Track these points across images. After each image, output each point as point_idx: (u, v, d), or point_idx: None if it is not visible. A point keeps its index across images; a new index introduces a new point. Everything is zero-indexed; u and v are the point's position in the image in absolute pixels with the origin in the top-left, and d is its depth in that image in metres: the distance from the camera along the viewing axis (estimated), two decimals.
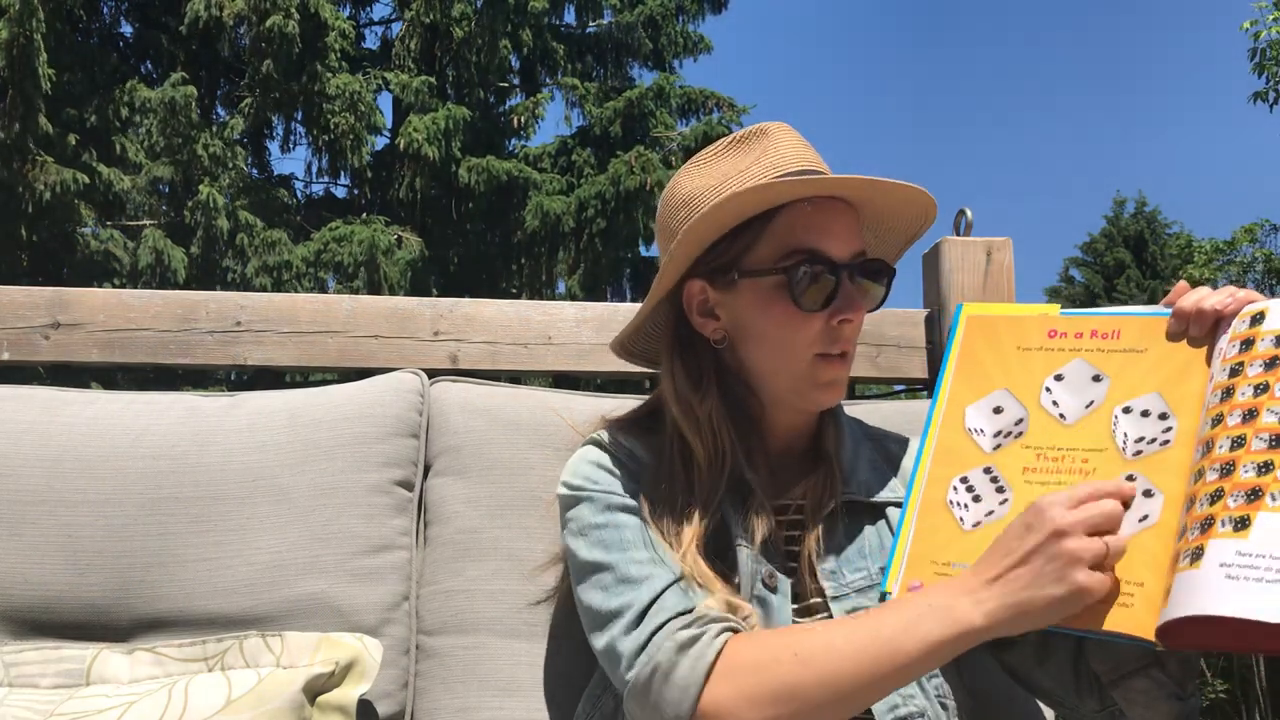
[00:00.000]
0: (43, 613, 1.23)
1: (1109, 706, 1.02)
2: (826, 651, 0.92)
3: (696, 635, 0.96)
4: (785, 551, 1.10)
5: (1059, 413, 0.99)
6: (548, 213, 10.38)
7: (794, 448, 1.17)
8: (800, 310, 1.07)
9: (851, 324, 1.09)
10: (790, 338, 1.09)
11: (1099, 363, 0.99)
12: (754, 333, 1.11)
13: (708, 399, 1.10)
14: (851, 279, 1.08)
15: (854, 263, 1.09)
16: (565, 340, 1.67)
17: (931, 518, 1.00)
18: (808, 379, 1.10)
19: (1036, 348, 1.03)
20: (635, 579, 1.02)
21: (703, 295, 1.12)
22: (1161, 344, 0.98)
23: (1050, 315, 1.04)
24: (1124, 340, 1.00)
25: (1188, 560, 0.84)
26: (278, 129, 10.92)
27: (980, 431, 1.02)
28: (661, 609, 0.99)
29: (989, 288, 1.74)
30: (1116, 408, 0.96)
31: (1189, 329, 0.97)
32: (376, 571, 1.29)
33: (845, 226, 1.10)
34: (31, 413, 1.33)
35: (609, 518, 1.08)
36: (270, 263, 9.45)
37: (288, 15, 9.30)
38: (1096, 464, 0.95)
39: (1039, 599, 0.86)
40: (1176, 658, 0.97)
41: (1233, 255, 13.07)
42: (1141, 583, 0.87)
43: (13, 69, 8.29)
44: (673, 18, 11.84)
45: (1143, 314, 1.01)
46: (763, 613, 1.05)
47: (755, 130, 1.13)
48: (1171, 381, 0.95)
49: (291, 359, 1.63)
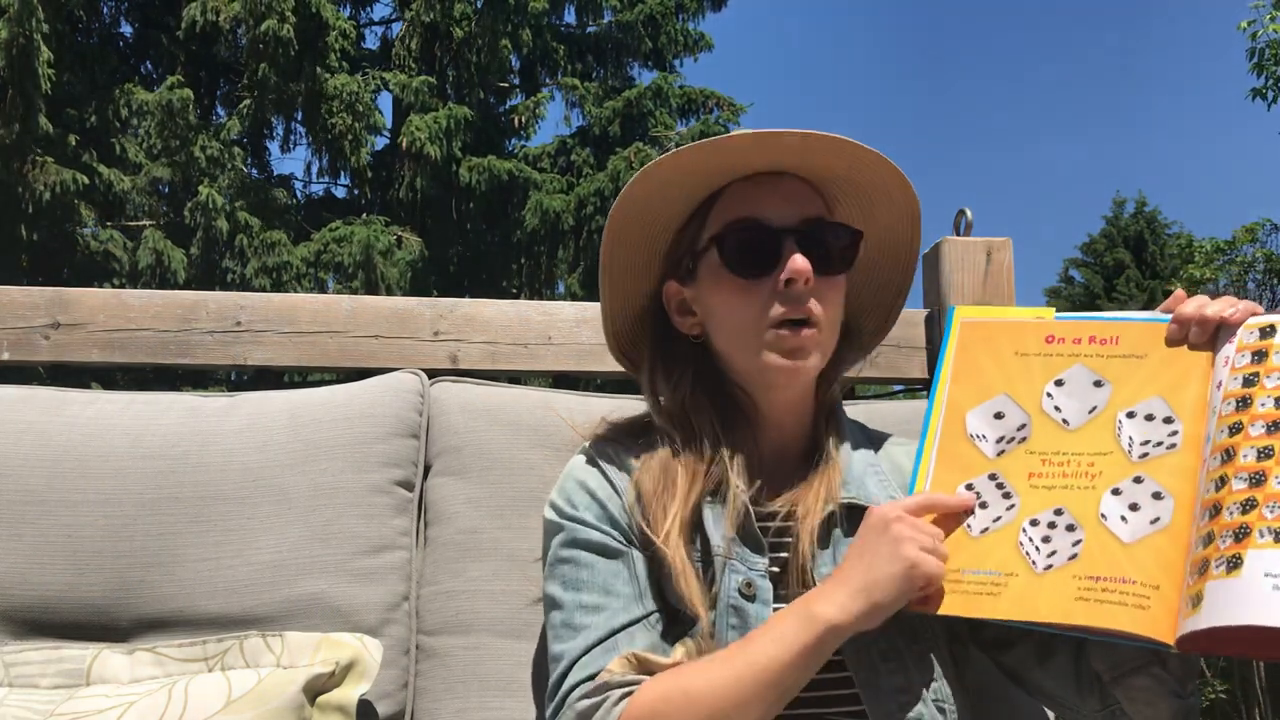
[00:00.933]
0: (43, 613, 1.23)
1: (1110, 705, 1.02)
2: (709, 684, 0.97)
3: (595, 705, 1.00)
4: (771, 557, 1.09)
5: (1061, 418, 0.99)
6: (547, 211, 10.38)
7: (790, 449, 1.16)
8: (740, 278, 1.08)
9: (799, 285, 1.06)
10: (741, 310, 1.09)
11: (1099, 368, 1.00)
12: (714, 316, 1.12)
13: (679, 389, 1.13)
14: (798, 243, 1.07)
15: (801, 227, 1.08)
16: (565, 340, 1.67)
17: (939, 524, 1.01)
18: (769, 355, 1.09)
19: (1035, 353, 1.03)
20: (576, 627, 1.05)
21: (679, 295, 1.15)
22: (1161, 349, 0.98)
23: (1046, 320, 1.05)
24: (1123, 346, 1.00)
25: (1223, 568, 0.84)
26: (277, 129, 10.92)
27: (983, 437, 1.02)
28: (582, 667, 1.03)
29: (989, 288, 1.74)
30: (1120, 412, 0.97)
31: (1190, 335, 0.98)
32: (376, 571, 1.29)
33: (787, 194, 1.10)
34: (31, 413, 1.33)
35: (571, 554, 1.09)
36: (270, 263, 9.45)
37: (283, 19, 9.31)
38: (1103, 467, 0.95)
39: (880, 580, 0.96)
40: (1179, 657, 0.97)
41: (1233, 255, 13.06)
42: (1157, 585, 0.87)
43: (12, 69, 8.29)
44: (673, 15, 11.84)
45: (1140, 319, 1.01)
46: (739, 621, 1.04)
47: None
48: (1173, 387, 0.96)
49: (291, 359, 1.63)
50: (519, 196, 10.65)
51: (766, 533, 1.09)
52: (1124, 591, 0.89)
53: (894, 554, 0.96)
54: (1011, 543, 0.96)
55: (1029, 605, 0.93)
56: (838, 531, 1.11)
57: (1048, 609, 0.92)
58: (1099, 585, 0.90)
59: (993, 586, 0.95)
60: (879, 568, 0.96)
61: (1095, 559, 0.91)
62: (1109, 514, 0.93)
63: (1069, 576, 0.92)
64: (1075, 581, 0.91)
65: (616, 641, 1.03)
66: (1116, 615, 0.88)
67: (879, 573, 0.96)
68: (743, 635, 1.04)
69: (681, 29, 11.95)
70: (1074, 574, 0.92)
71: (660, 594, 1.07)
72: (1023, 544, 0.95)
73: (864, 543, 0.99)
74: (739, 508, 1.07)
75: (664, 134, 11.05)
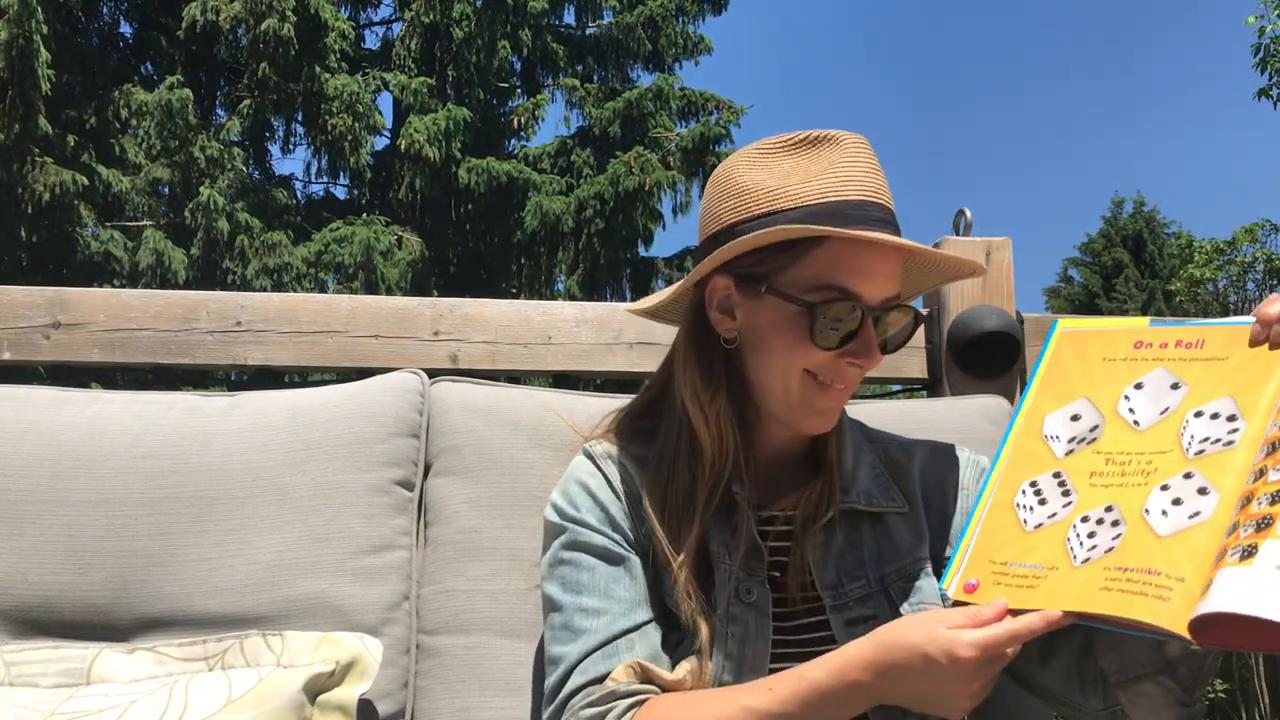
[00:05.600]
0: (43, 612, 1.23)
1: (1112, 705, 1.02)
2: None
3: (601, 715, 0.99)
4: (770, 562, 1.09)
5: (1134, 419, 0.99)
6: (547, 213, 10.39)
7: (790, 452, 1.16)
8: (814, 345, 1.04)
9: (860, 369, 1.06)
10: (795, 362, 1.06)
11: (1179, 371, 0.99)
12: (762, 346, 1.08)
13: (719, 397, 1.09)
14: (876, 323, 1.05)
15: (883, 307, 1.05)
16: (565, 340, 1.67)
17: (997, 519, 1.01)
18: (800, 404, 1.07)
19: (1121, 358, 1.03)
20: (575, 630, 1.04)
21: (726, 293, 1.10)
22: (1243, 351, 0.97)
23: (1138, 327, 1.04)
24: (1207, 349, 0.99)
25: (1237, 556, 0.83)
26: (279, 130, 10.93)
27: (1056, 438, 1.02)
28: (583, 672, 1.02)
29: (988, 287, 1.75)
30: (1189, 412, 0.96)
31: (1271, 335, 0.95)
32: (377, 571, 1.29)
33: (886, 269, 1.05)
34: (32, 413, 1.33)
35: (573, 556, 1.09)
36: (270, 264, 9.46)
37: (283, 19, 9.32)
38: (1159, 465, 0.94)
39: (918, 708, 0.95)
40: (1188, 665, 0.96)
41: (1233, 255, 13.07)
42: (1182, 578, 0.86)
43: (12, 70, 8.30)
44: (672, 18, 11.85)
45: (1228, 323, 1.00)
46: (738, 628, 1.04)
47: (829, 137, 1.07)
48: (1246, 386, 0.95)
49: (291, 359, 1.63)
50: (518, 198, 10.66)
51: (765, 537, 1.09)
52: (1147, 582, 0.87)
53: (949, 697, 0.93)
54: (1060, 538, 0.95)
55: (1059, 596, 0.92)
56: (839, 536, 1.10)
57: (1073, 598, 0.91)
58: (1124, 575, 0.89)
59: (1033, 579, 0.94)
60: (923, 707, 0.95)
61: (1129, 551, 0.90)
62: (1152, 509, 0.92)
63: (1101, 568, 0.91)
64: (1105, 573, 0.90)
65: (617, 647, 1.03)
66: (1134, 605, 0.87)
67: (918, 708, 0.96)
68: (741, 642, 1.04)
69: (681, 32, 11.97)
70: (1105, 565, 0.91)
71: (658, 600, 1.07)
72: (1070, 539, 0.95)
73: (929, 686, 0.93)
74: (742, 514, 1.07)
75: (664, 135, 11.06)
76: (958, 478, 1.18)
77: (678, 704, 0.99)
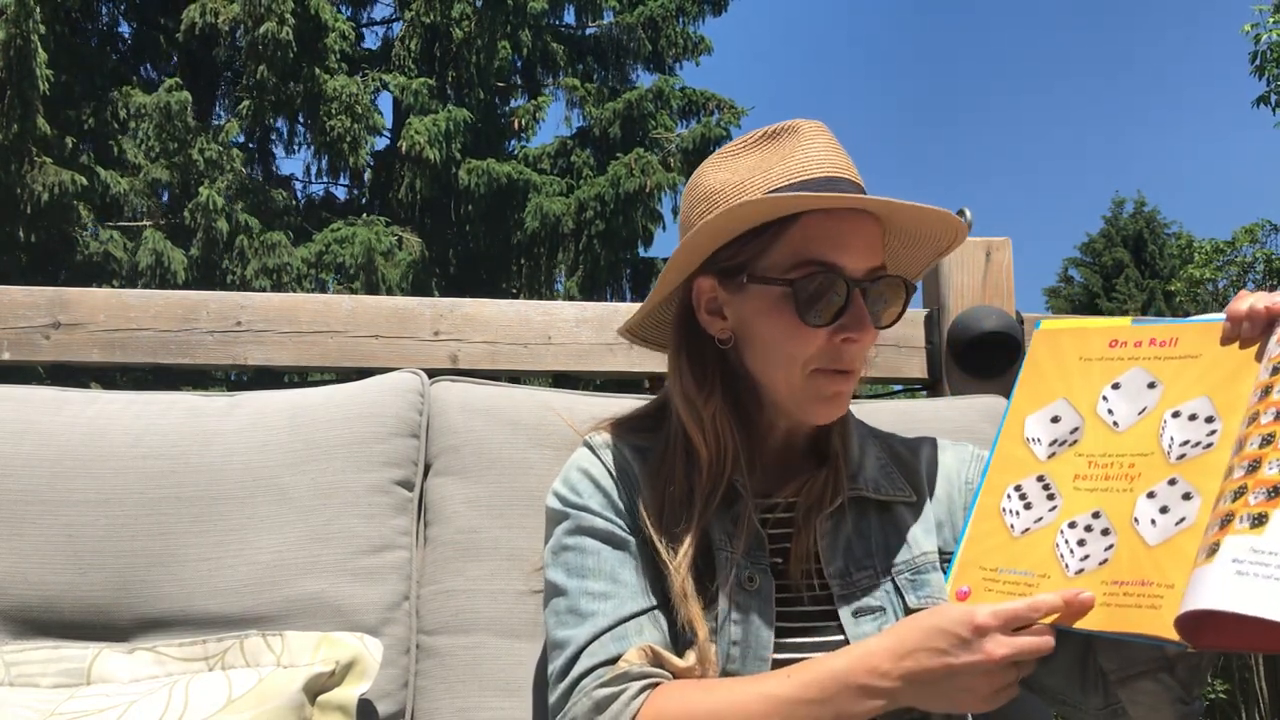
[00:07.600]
0: (43, 612, 1.23)
1: (1112, 704, 1.02)
2: (734, 710, 0.95)
3: (614, 695, 0.98)
4: (772, 550, 1.08)
5: (1113, 420, 0.99)
6: (547, 214, 10.39)
7: (795, 441, 1.16)
8: (804, 324, 1.03)
9: (857, 344, 1.05)
10: (791, 351, 1.05)
11: (1155, 370, 0.99)
12: (757, 339, 1.08)
13: (713, 399, 1.09)
14: (864, 296, 1.04)
15: (868, 279, 1.05)
16: (565, 340, 1.67)
17: (984, 524, 1.01)
18: (807, 392, 1.07)
19: (1097, 358, 1.03)
20: (582, 613, 1.04)
21: (712, 294, 1.10)
22: (1215, 348, 0.97)
23: (1117, 326, 1.04)
24: (1180, 347, 0.99)
25: (1204, 555, 0.84)
26: (280, 130, 10.92)
27: (1037, 440, 1.02)
28: (592, 654, 1.01)
29: (988, 287, 1.75)
30: (1166, 412, 0.96)
31: (1242, 331, 0.96)
32: (377, 571, 1.29)
33: (865, 240, 1.05)
34: (32, 413, 1.33)
35: (577, 540, 1.08)
36: (270, 265, 9.46)
37: (282, 21, 9.31)
38: (1142, 469, 0.94)
39: (938, 703, 0.94)
40: (1187, 663, 0.96)
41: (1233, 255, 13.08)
42: (1172, 584, 0.86)
43: (10, 70, 8.29)
44: (673, 19, 11.85)
45: (1201, 320, 1.00)
46: (741, 616, 1.04)
47: (787, 127, 1.08)
48: (1221, 385, 0.95)
49: (291, 359, 1.63)
50: (519, 199, 10.66)
51: (765, 524, 1.09)
52: (1140, 594, 0.88)
53: (965, 700, 0.92)
54: (1048, 544, 0.96)
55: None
56: (846, 525, 1.10)
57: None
58: (1120, 589, 0.89)
59: (1025, 587, 0.94)
60: (949, 695, 0.93)
61: (1122, 564, 0.91)
62: (1141, 518, 0.92)
63: (1098, 582, 0.91)
64: (1103, 587, 0.90)
65: (626, 630, 1.02)
66: (1130, 618, 0.87)
67: (944, 699, 0.93)
68: (744, 629, 1.04)
69: (681, 32, 11.96)
70: (1102, 579, 0.91)
71: (660, 586, 1.07)
72: (1059, 545, 0.95)
73: (950, 659, 0.91)
74: (744, 504, 1.07)
75: (664, 136, 11.06)
76: (963, 473, 1.18)
77: (693, 688, 0.99)
